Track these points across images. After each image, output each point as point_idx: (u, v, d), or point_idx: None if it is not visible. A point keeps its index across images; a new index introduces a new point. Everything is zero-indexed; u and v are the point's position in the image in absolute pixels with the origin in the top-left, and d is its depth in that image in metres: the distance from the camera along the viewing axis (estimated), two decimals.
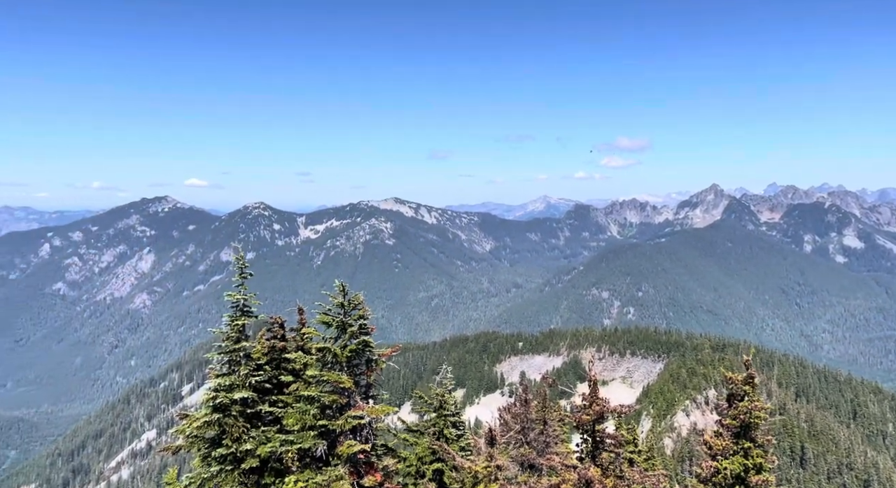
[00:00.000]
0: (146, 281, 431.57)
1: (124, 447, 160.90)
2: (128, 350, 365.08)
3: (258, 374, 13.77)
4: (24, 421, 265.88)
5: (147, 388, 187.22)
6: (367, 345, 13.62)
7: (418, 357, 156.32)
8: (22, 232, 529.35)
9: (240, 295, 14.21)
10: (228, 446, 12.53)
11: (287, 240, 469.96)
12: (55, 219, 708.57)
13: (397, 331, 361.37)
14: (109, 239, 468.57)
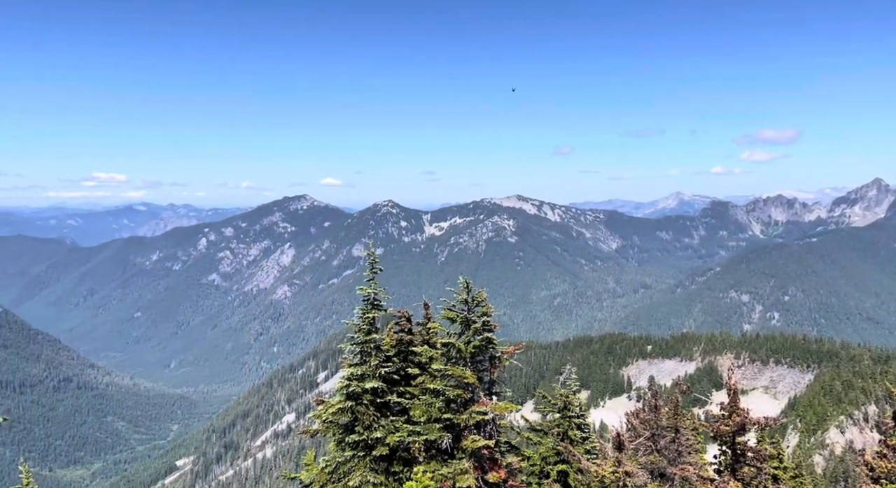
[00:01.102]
0: (287, 274, 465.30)
1: (268, 427, 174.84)
2: (271, 337, 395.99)
3: (387, 366, 14.31)
4: (185, 398, 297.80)
5: (287, 374, 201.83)
6: (490, 342, 13.68)
7: (541, 356, 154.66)
8: (184, 227, 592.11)
9: (371, 289, 14.82)
10: (360, 433, 13.17)
11: (413, 237, 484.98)
12: (211, 216, 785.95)
13: (519, 328, 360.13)
14: (256, 234, 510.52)
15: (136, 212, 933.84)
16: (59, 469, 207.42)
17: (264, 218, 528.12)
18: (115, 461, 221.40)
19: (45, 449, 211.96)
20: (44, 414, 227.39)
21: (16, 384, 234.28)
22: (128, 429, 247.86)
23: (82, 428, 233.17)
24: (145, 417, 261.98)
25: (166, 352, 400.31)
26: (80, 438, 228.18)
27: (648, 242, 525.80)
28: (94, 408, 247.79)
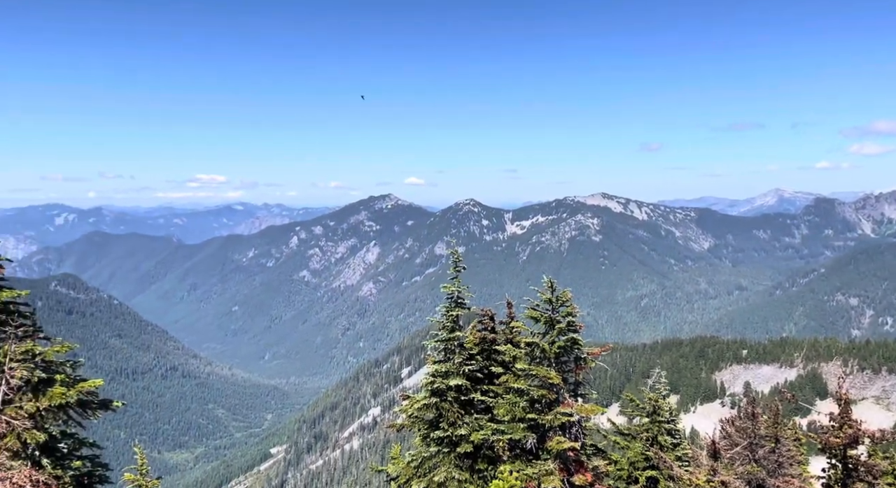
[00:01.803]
0: (372, 271, 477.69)
1: (355, 420, 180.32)
2: (357, 333, 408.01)
3: (471, 363, 14.40)
4: (278, 389, 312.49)
5: (372, 369, 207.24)
6: (575, 343, 13.45)
7: (627, 358, 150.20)
8: (277, 226, 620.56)
9: (454, 287, 14.95)
10: (445, 429, 13.34)
11: (494, 236, 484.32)
12: (302, 215, 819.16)
13: (603, 329, 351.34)
14: (343, 233, 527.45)
15: (234, 211, 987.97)
16: (167, 452, 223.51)
17: (351, 216, 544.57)
18: (216, 446, 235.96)
19: (154, 433, 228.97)
20: (153, 400, 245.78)
21: (129, 371, 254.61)
22: (227, 417, 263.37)
23: (186, 414, 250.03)
24: (242, 406, 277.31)
25: (261, 344, 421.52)
26: (185, 423, 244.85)
27: (744, 241, 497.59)
28: (197, 396, 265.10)
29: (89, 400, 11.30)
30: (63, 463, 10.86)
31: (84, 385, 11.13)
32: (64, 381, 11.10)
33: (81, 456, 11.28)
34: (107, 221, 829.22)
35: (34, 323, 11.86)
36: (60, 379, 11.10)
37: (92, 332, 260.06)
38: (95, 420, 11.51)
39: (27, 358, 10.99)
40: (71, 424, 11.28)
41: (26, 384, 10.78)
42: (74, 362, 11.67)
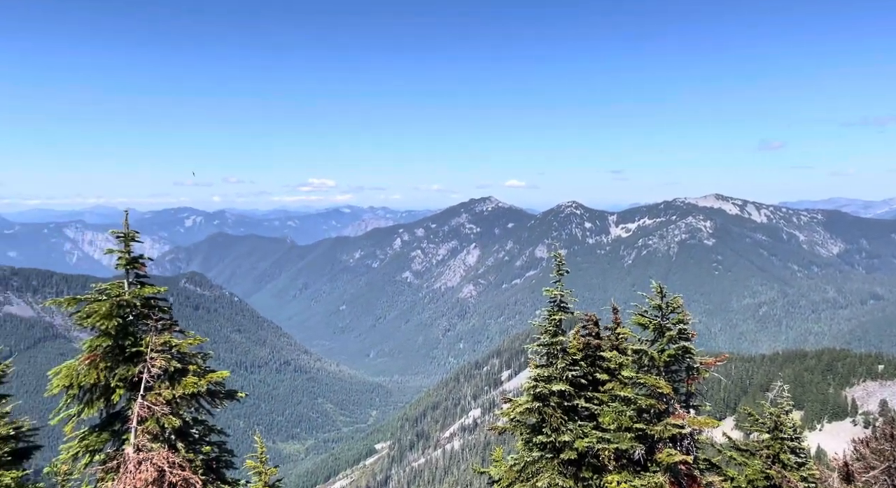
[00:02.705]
0: (472, 273, 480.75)
1: (455, 420, 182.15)
2: (457, 334, 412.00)
3: (574, 369, 14.13)
4: (382, 386, 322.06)
5: (472, 370, 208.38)
6: (687, 352, 12.85)
7: (743, 369, 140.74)
8: (382, 228, 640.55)
9: (557, 291, 14.75)
10: (548, 435, 13.19)
11: (598, 239, 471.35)
12: (405, 217, 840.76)
13: (716, 338, 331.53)
14: (444, 235, 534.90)
15: (342, 214, 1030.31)
16: (280, 442, 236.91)
17: (452, 219, 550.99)
18: (325, 439, 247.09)
19: (269, 424, 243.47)
20: (268, 393, 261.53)
21: (248, 364, 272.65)
22: (335, 411, 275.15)
23: (298, 407, 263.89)
24: (349, 402, 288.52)
25: (366, 342, 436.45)
26: (297, 416, 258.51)
27: (881, 247, 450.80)
28: (308, 390, 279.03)
29: (217, 390, 12.28)
30: (195, 448, 11.84)
31: (213, 376, 12.10)
32: (196, 372, 12.11)
33: (210, 442, 12.24)
34: (229, 223, 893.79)
35: (171, 317, 13.02)
36: (193, 369, 12.13)
37: (215, 327, 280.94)
38: (221, 408, 12.48)
39: (165, 349, 12.10)
40: (201, 411, 12.30)
41: (164, 373, 11.87)
42: (204, 354, 12.71)
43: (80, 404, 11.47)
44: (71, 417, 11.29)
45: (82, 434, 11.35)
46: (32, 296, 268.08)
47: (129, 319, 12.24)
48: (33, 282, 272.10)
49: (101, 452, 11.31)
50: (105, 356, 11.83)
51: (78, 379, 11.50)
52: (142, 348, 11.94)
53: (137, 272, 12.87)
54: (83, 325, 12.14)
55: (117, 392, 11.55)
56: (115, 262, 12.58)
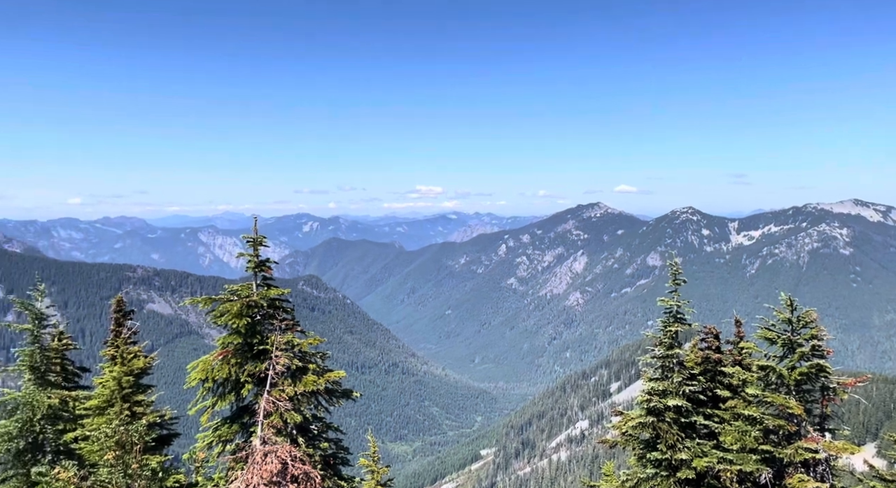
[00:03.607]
0: (579, 281, 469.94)
1: (562, 431, 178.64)
2: (563, 342, 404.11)
3: (692, 384, 13.46)
4: (487, 393, 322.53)
5: (580, 380, 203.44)
6: (822, 370, 11.83)
7: (886, 391, 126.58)
8: (487, 234, 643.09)
9: (673, 301, 14.14)
10: (663, 451, 12.62)
11: (716, 247, 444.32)
12: (510, 224, 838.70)
13: (854, 357, 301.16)
14: (550, 241, 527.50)
15: (448, 220, 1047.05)
16: (389, 442, 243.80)
17: (558, 225, 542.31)
18: (431, 442, 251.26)
19: (379, 424, 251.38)
20: (378, 393, 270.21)
21: (359, 365, 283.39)
22: (441, 415, 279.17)
23: (406, 409, 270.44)
24: (454, 406, 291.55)
25: (471, 347, 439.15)
26: (404, 418, 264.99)
27: None
28: (415, 393, 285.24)
29: (334, 389, 12.91)
30: (314, 443, 12.51)
31: (331, 375, 12.74)
32: (315, 370, 12.81)
33: (328, 439, 12.89)
34: (343, 229, 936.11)
35: (293, 317, 13.88)
36: (313, 368, 12.84)
37: (329, 328, 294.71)
38: (338, 406, 13.09)
39: (288, 348, 12.89)
40: (320, 409, 12.98)
41: (287, 370, 12.64)
42: (323, 354, 13.41)
43: (214, 397, 12.50)
44: (206, 409, 12.32)
45: (216, 424, 12.36)
46: (171, 295, 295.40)
47: (256, 319, 13.17)
48: (172, 283, 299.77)
49: (231, 442, 12.25)
50: (235, 353, 12.81)
51: (212, 373, 12.52)
52: (267, 346, 12.80)
53: (264, 275, 13.81)
54: (217, 323, 13.23)
55: (246, 387, 12.47)
56: (245, 265, 13.45)
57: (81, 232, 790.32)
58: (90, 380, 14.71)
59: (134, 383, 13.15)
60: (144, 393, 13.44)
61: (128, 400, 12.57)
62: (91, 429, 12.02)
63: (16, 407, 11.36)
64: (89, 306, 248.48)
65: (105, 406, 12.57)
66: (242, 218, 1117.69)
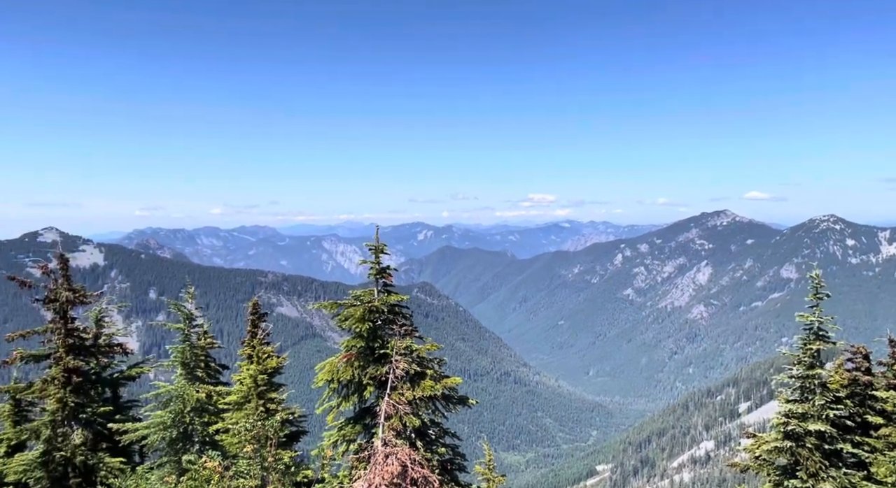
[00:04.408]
0: (703, 293, 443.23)
1: (684, 450, 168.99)
2: (685, 358, 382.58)
3: (837, 408, 12.28)
4: (602, 406, 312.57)
5: (704, 398, 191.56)
6: None
7: None
8: (602, 243, 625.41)
9: (814, 317, 13.02)
10: (803, 480, 11.59)
11: (863, 258, 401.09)
12: (627, 232, 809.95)
13: None
14: (671, 251, 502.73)
15: (561, 228, 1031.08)
16: (502, 451, 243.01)
17: (680, 234, 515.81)
18: (544, 454, 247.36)
19: (491, 432, 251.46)
20: (490, 402, 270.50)
21: (471, 372, 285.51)
22: (554, 427, 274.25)
23: (518, 418, 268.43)
24: (568, 418, 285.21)
25: (585, 359, 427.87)
26: (517, 427, 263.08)
27: None
28: (527, 403, 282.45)
29: (451, 395, 13.14)
30: (431, 448, 12.79)
31: (448, 381, 12.97)
32: (433, 376, 13.10)
33: (445, 444, 13.12)
34: (455, 237, 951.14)
35: (412, 323, 14.32)
36: (430, 373, 13.14)
37: (442, 334, 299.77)
38: (454, 413, 13.30)
39: (407, 352, 13.30)
40: (437, 414, 13.25)
41: (406, 375, 13.04)
42: (440, 360, 13.70)
43: (339, 397, 13.16)
44: (332, 408, 13.00)
45: (340, 424, 12.99)
46: (297, 299, 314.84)
47: (377, 324, 13.72)
48: (298, 287, 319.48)
49: (354, 442, 12.81)
50: (358, 356, 13.42)
51: (337, 374, 13.20)
52: (388, 351, 13.28)
53: (385, 281, 14.38)
54: (341, 327, 13.93)
55: (368, 389, 13.01)
56: (367, 272, 14.06)
57: (221, 239, 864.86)
58: (229, 377, 16.04)
59: (268, 381, 14.16)
60: (277, 391, 14.41)
61: (262, 397, 13.55)
62: (230, 423, 13.09)
63: (169, 399, 12.67)
64: (227, 308, 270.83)
65: (243, 401, 13.63)
66: (361, 226, 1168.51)
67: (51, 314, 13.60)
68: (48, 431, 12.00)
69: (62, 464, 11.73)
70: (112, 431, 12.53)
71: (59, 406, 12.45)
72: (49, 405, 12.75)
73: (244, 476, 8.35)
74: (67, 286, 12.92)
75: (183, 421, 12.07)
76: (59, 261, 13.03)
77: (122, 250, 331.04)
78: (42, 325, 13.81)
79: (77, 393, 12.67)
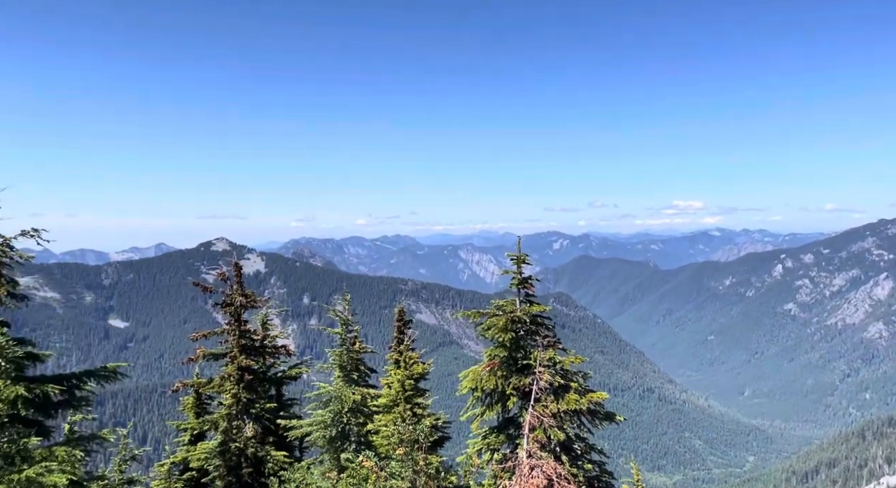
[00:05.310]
0: (882, 309, 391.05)
1: (860, 485, 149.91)
2: (861, 381, 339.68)
3: None
4: (760, 430, 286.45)
5: (885, 428, 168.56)
6: None
7: None
8: (758, 253, 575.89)
9: None
10: None
11: None
12: (787, 242, 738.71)
13: None
14: (841, 262, 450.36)
15: (710, 237, 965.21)
16: (646, 472, 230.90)
17: (852, 244, 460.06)
18: (693, 477, 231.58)
19: (634, 450, 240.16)
20: (632, 419, 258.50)
21: (610, 387, 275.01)
22: (704, 449, 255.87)
23: (663, 438, 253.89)
24: (720, 441, 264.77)
25: (739, 378, 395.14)
26: (662, 447, 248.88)
27: None
28: (673, 422, 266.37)
29: (597, 410, 12.73)
30: (577, 463, 12.45)
31: (593, 395, 12.59)
32: (577, 389, 12.79)
33: (591, 460, 12.72)
34: (593, 247, 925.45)
35: (555, 334, 14.10)
36: (574, 386, 12.84)
37: (579, 347, 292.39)
38: (601, 429, 12.86)
39: (550, 364, 13.10)
40: (582, 429, 12.89)
41: (550, 387, 12.85)
42: (585, 373, 13.34)
43: (483, 406, 13.27)
44: (476, 417, 13.15)
45: (484, 432, 13.09)
46: (435, 307, 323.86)
47: (520, 334, 13.70)
48: (436, 295, 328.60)
49: (498, 452, 12.84)
50: (501, 365, 13.46)
51: (480, 383, 13.33)
52: (530, 361, 13.19)
53: (527, 292, 14.33)
54: (484, 336, 14.08)
55: (511, 399, 12.98)
56: (503, 281, 14.15)
57: (365, 248, 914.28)
58: (376, 380, 16.83)
59: (414, 386, 14.64)
60: (422, 397, 14.85)
61: (410, 402, 14.03)
62: (380, 425, 13.71)
63: (329, 399, 13.57)
64: (370, 314, 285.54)
65: (391, 405, 14.21)
66: (496, 236, 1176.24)
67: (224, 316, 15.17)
68: (224, 423, 13.39)
69: (236, 455, 13.04)
70: (277, 426, 13.72)
71: (233, 400, 13.84)
72: (225, 399, 14.23)
73: (396, 477, 8.68)
74: (241, 291, 14.35)
75: (341, 420, 12.88)
76: (235, 268, 14.51)
77: (281, 259, 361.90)
78: (218, 327, 15.45)
79: (249, 389, 14.02)
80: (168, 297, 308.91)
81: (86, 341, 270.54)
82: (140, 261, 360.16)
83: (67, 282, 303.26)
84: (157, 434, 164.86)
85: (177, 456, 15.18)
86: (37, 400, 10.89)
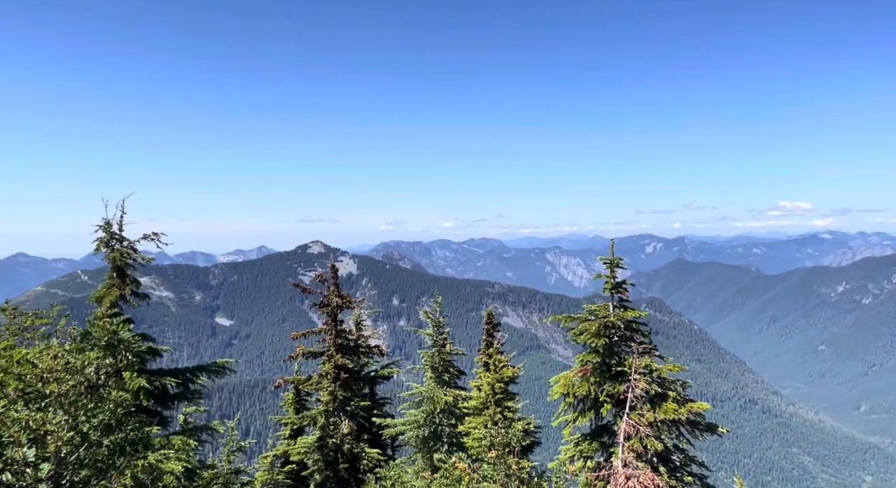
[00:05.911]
0: None
1: None
2: None
3: None
4: (879, 448, 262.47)
5: None
6: None
7: None
8: (876, 257, 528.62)
9: None
10: None
11: None
12: None
13: None
14: None
15: (820, 240, 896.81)
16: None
17: None
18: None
19: (734, 464, 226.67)
20: (733, 431, 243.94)
21: (708, 397, 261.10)
22: (814, 466, 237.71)
23: (767, 452, 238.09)
24: (832, 459, 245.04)
25: (854, 391, 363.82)
26: (766, 462, 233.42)
27: None
28: (779, 436, 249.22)
29: (697, 421, 12.15)
30: (676, 475, 11.94)
31: (693, 405, 12.02)
32: (675, 399, 12.26)
33: (691, 473, 12.15)
34: (688, 250, 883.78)
35: (651, 341, 13.60)
36: (673, 395, 12.32)
37: (674, 354, 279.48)
38: (702, 441, 12.24)
39: (646, 372, 12.65)
40: (681, 440, 12.33)
41: (646, 395, 12.40)
42: (684, 382, 12.76)
43: (575, 412, 13.01)
44: (568, 423, 12.91)
45: (577, 439, 12.83)
46: (522, 311, 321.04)
47: (614, 340, 13.33)
48: (523, 298, 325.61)
49: (591, 459, 12.54)
50: (594, 371, 13.14)
51: (572, 389, 13.08)
52: (625, 368, 12.79)
53: (621, 297, 13.93)
54: (576, 341, 13.80)
55: (605, 406, 12.64)
56: (593, 285, 13.78)
57: (452, 251, 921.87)
58: (465, 382, 16.91)
59: (504, 390, 14.59)
60: (512, 400, 14.78)
61: (500, 405, 14.00)
62: (471, 427, 13.76)
63: (421, 400, 13.81)
64: (457, 316, 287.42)
65: (482, 407, 14.24)
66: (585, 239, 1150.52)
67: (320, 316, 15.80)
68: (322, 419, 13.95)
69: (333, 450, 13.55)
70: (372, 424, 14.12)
71: (330, 398, 14.38)
72: (323, 396, 14.81)
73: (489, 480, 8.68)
74: (337, 292, 14.90)
75: (433, 421, 13.07)
76: (331, 271, 15.09)
77: (372, 261, 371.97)
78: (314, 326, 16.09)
79: (344, 387, 14.53)
80: (268, 297, 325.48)
81: (195, 338, 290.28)
82: (244, 263, 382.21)
83: (180, 282, 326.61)
84: (259, 427, 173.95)
85: (278, 450, 15.98)
86: (156, 392, 11.84)
